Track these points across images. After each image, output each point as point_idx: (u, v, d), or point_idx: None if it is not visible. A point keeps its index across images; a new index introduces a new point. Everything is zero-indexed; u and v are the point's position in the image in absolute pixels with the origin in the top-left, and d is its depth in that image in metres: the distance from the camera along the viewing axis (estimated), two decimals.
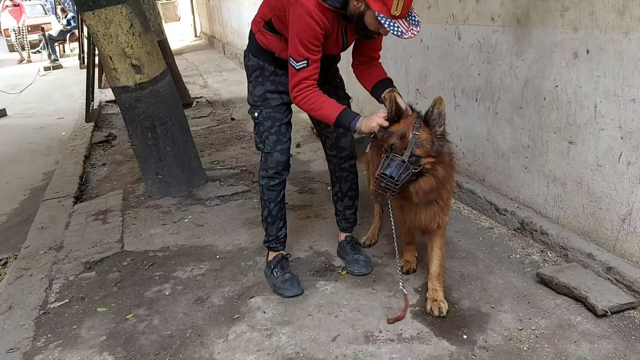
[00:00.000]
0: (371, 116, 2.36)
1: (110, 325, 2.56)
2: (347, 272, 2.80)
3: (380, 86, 2.52)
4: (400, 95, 2.44)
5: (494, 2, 3.04)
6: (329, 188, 3.55)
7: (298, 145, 4.93)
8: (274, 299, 2.63)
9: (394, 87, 2.51)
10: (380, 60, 2.64)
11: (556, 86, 2.71)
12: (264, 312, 2.54)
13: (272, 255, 2.81)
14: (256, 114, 2.62)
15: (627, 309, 2.33)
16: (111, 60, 3.75)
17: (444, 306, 2.42)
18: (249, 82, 2.66)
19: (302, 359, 2.20)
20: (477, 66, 3.28)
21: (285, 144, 2.64)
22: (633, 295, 2.35)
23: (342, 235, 2.96)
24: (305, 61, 2.31)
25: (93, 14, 3.61)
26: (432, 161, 2.25)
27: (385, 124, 2.31)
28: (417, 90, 3.99)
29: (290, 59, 2.33)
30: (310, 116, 2.73)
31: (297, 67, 2.32)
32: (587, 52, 2.49)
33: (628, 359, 2.07)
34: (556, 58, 2.68)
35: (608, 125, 2.46)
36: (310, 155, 4.80)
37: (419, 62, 3.92)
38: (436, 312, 2.40)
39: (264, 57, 2.58)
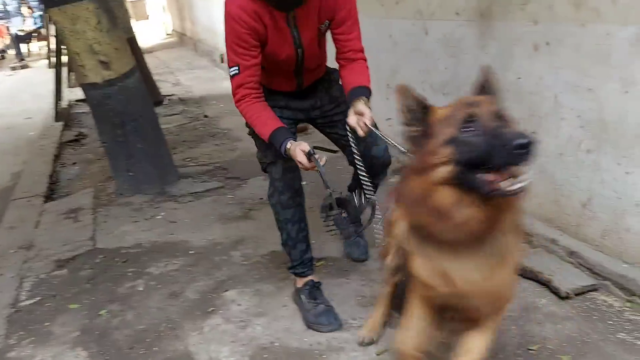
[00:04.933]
0: (297, 147, 2.05)
1: (83, 321, 2.55)
2: (323, 264, 2.81)
3: (351, 95, 2.20)
4: (369, 106, 2.14)
5: None
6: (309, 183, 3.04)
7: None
8: (249, 291, 2.66)
9: (363, 97, 2.16)
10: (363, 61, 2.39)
11: (519, 78, 2.79)
12: (239, 305, 2.56)
13: (300, 282, 2.49)
14: None
15: (589, 290, 2.42)
16: (79, 56, 3.71)
17: None
18: None
19: (276, 349, 2.24)
20: (444, 60, 3.35)
21: None
22: (594, 277, 2.45)
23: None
24: (237, 67, 2.11)
25: (59, 10, 3.58)
26: None
27: (305, 162, 2.03)
28: (388, 85, 4.05)
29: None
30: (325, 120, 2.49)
31: (231, 74, 2.13)
32: (547, 44, 2.57)
33: (590, 337, 2.16)
34: (518, 51, 2.76)
35: (568, 115, 2.55)
36: None
37: (389, 58, 3.98)
38: None
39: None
